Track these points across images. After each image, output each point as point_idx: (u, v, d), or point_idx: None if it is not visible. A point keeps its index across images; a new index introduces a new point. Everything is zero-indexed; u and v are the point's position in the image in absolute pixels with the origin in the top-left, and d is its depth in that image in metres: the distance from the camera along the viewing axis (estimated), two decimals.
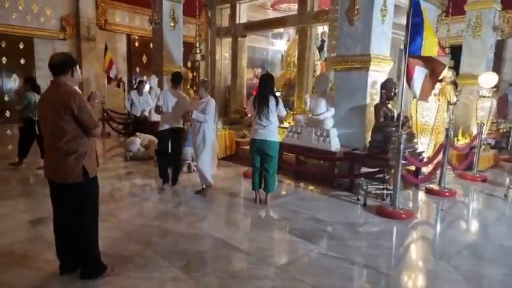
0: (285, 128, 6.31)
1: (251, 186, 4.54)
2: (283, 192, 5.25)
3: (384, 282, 2.80)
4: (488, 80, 7.26)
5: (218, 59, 8.68)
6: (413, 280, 2.87)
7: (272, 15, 8.74)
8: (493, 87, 7.52)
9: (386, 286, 2.75)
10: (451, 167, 5.78)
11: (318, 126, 5.51)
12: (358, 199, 4.65)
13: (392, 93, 5.09)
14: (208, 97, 4.63)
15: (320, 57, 7.57)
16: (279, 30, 8.25)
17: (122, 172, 6.06)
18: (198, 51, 8.96)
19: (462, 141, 6.83)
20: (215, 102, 4.75)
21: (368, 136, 5.29)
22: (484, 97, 7.43)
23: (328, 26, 6.38)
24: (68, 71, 2.47)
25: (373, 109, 5.21)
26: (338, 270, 2.92)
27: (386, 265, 3.04)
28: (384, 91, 5.12)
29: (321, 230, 3.74)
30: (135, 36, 13.58)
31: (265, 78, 4.42)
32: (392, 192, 4.26)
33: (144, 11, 12.59)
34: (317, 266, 3.03)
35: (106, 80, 11.18)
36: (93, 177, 2.59)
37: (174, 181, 5.21)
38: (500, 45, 11.95)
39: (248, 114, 4.75)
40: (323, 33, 7.66)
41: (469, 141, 6.20)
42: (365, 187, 4.52)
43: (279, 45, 9.88)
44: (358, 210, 4.40)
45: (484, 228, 4.09)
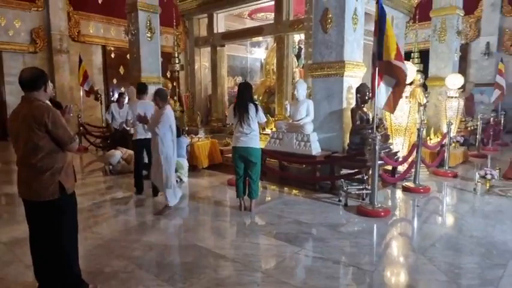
0: (267, 135, 6.47)
1: (236, 194, 4.63)
2: (267, 198, 5.38)
3: (366, 278, 2.95)
4: (454, 82, 7.68)
5: (198, 69, 8.77)
6: (392, 274, 3.05)
7: (249, 24, 8.93)
8: (460, 88, 7.97)
9: (368, 282, 2.91)
10: (425, 165, 6.08)
11: (299, 131, 5.69)
12: (339, 200, 4.83)
13: (366, 97, 5.34)
14: (164, 107, 4.47)
15: (298, 64, 7.79)
16: (258, 38, 8.45)
17: (102, 187, 5.99)
18: (177, 61, 9.02)
19: (434, 139, 7.18)
20: (173, 112, 4.67)
21: (346, 139, 5.51)
22: (452, 98, 7.85)
23: (304, 34, 6.60)
24: (41, 87, 2.41)
25: (349, 113, 5.45)
26: (322, 270, 3.06)
27: (367, 262, 3.20)
28: (359, 95, 5.36)
29: (305, 232, 3.87)
30: (111, 47, 13.42)
31: (243, 86, 4.55)
32: (370, 191, 4.47)
33: (120, 22, 12.51)
34: (301, 268, 3.16)
35: (82, 93, 11.01)
36: (70, 193, 2.52)
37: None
38: (465, 48, 12.62)
39: (227, 122, 4.83)
40: (300, 41, 7.89)
41: (440, 139, 6.54)
42: (345, 188, 4.72)
43: (258, 53, 10.07)
44: (339, 211, 4.58)
45: (456, 221, 4.36)
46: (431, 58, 8.56)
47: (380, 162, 4.65)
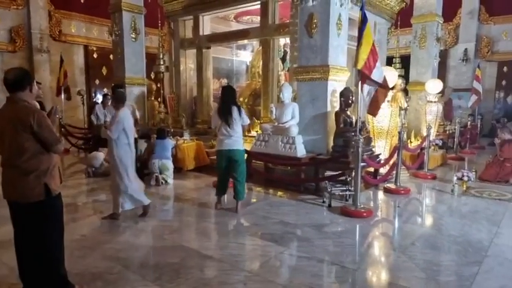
0: (253, 137, 6.53)
1: (215, 191, 4.75)
2: (253, 199, 5.42)
3: (348, 276, 3.04)
4: (434, 87, 7.96)
5: (183, 70, 8.73)
6: (374, 272, 3.15)
7: (235, 26, 8.96)
8: (439, 93, 8.25)
9: (350, 279, 3.00)
10: (405, 167, 6.26)
11: (284, 134, 5.78)
12: (323, 201, 4.93)
13: (350, 100, 5.47)
14: (119, 109, 4.17)
15: (284, 67, 7.89)
16: (244, 41, 8.50)
17: (85, 189, 5.92)
18: (162, 62, 8.97)
19: (415, 142, 7.39)
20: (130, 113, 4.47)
21: (331, 141, 5.62)
22: (431, 102, 8.13)
23: (289, 38, 6.70)
24: (26, 87, 2.38)
25: (334, 116, 5.57)
26: (306, 269, 3.13)
27: (350, 260, 3.29)
28: (343, 99, 5.49)
29: (290, 233, 3.94)
30: (94, 47, 13.20)
31: (226, 89, 4.65)
32: (353, 193, 4.59)
33: (103, 22, 12.32)
34: (286, 267, 3.23)
35: (62, 94, 10.78)
36: (56, 194, 2.51)
37: None
38: (444, 54, 13.05)
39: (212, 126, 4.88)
40: (285, 44, 7.99)
41: (420, 142, 6.75)
42: (329, 189, 4.82)
43: (244, 56, 10.12)
44: (323, 211, 4.67)
45: (435, 220, 4.52)
46: (412, 63, 8.82)
47: (363, 164, 4.78)
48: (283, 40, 7.51)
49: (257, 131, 6.52)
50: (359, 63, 4.36)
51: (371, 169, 5.79)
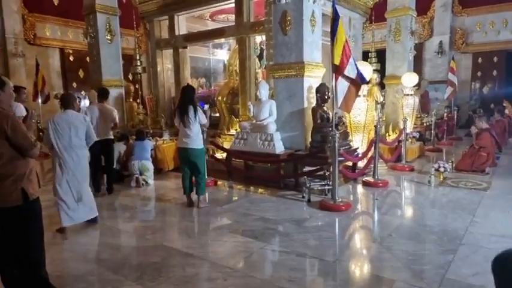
0: (232, 135, 6.54)
1: (182, 191, 4.84)
2: (234, 197, 5.45)
3: (327, 268, 3.09)
4: (409, 80, 8.11)
5: (160, 71, 8.66)
6: (351, 263, 3.19)
7: (211, 25, 8.93)
8: (415, 86, 8.41)
9: (328, 271, 3.05)
10: (383, 160, 6.37)
11: (262, 131, 5.80)
12: (303, 196, 4.98)
13: (326, 96, 5.53)
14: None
15: (261, 65, 7.89)
16: (220, 40, 8.47)
17: None
18: (139, 63, 8.87)
19: (393, 136, 7.53)
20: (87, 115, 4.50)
21: (309, 137, 5.67)
22: (408, 95, 8.28)
23: (265, 36, 6.71)
24: None
25: (310, 112, 5.62)
26: (286, 263, 3.17)
27: (328, 253, 3.34)
28: (319, 95, 5.55)
29: (270, 229, 3.97)
30: (69, 50, 12.96)
31: (185, 89, 4.80)
32: (332, 187, 4.64)
33: (78, 24, 12.09)
34: (267, 262, 3.27)
35: (39, 98, 10.54)
36: (34, 199, 2.51)
37: (110, 190, 5.50)
38: (420, 47, 13.29)
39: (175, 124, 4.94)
40: (261, 42, 8.00)
41: (397, 135, 6.87)
42: (308, 185, 4.87)
43: (221, 54, 10.10)
44: (303, 207, 4.72)
45: (412, 211, 4.63)
46: (387, 57, 8.94)
47: (340, 158, 4.84)
48: (259, 38, 7.52)
49: (236, 130, 6.52)
50: (335, 59, 4.42)
51: (350, 163, 5.87)
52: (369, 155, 5.75)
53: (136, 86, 9.21)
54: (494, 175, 6.07)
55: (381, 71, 9.13)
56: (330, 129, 4.88)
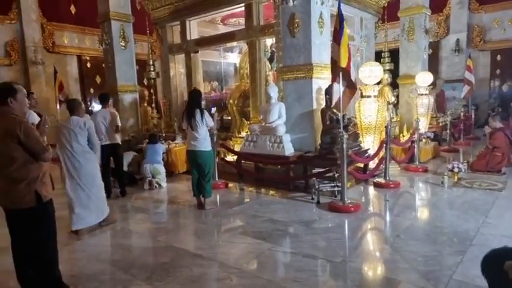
0: (242, 138, 6.59)
1: (192, 193, 4.91)
2: (244, 199, 5.49)
3: (334, 269, 3.09)
4: (424, 79, 7.97)
5: (173, 75, 8.80)
6: (358, 264, 3.17)
7: (222, 29, 9.02)
8: (429, 85, 8.25)
9: (335, 272, 3.05)
10: (395, 161, 6.28)
11: (272, 133, 5.82)
12: (312, 198, 4.97)
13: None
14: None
15: (271, 67, 7.92)
16: (231, 44, 8.55)
17: None
18: (152, 68, 9.04)
19: (407, 136, 7.40)
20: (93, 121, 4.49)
21: (318, 139, 5.66)
22: (422, 95, 8.13)
23: (274, 38, 6.74)
24: (6, 100, 2.50)
25: (320, 114, 5.61)
26: (292, 263, 3.20)
27: (336, 254, 3.33)
28: (328, 96, 5.52)
29: (278, 230, 3.98)
30: (87, 57, 13.35)
31: (192, 93, 4.93)
32: (341, 188, 4.62)
33: (94, 31, 12.42)
34: (274, 263, 3.29)
35: (58, 104, 10.86)
36: (47, 200, 2.63)
37: (123, 193, 5.61)
38: (436, 45, 13.04)
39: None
40: (272, 44, 8.03)
41: (410, 136, 6.76)
42: (317, 186, 4.86)
43: (232, 58, 10.18)
44: (312, 208, 4.71)
45: (423, 212, 4.56)
46: (401, 57, 8.80)
47: (350, 159, 4.81)
48: (270, 40, 7.55)
49: (247, 132, 6.56)
50: (342, 61, 4.44)
51: (360, 164, 5.82)
52: (380, 156, 5.68)
53: (150, 91, 9.38)
54: (510, 175, 5.90)
55: (395, 71, 9.00)
56: (339, 130, 4.87)
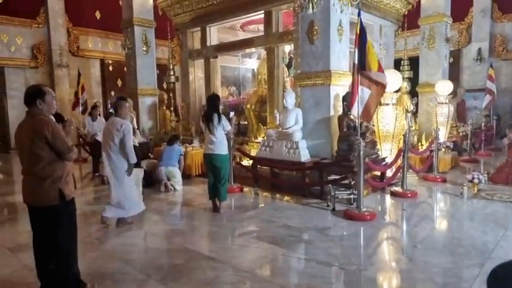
0: (259, 143, 6.63)
1: (208, 196, 4.95)
2: (259, 204, 5.52)
3: (346, 276, 3.08)
4: (444, 88, 7.85)
5: (192, 80, 8.96)
6: (373, 273, 3.15)
7: (242, 36, 9.15)
8: (450, 94, 8.12)
9: (348, 280, 3.04)
10: (413, 170, 6.19)
11: (288, 139, 5.84)
12: (327, 205, 4.95)
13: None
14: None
15: (289, 73, 7.97)
16: (250, 50, 8.66)
17: (99, 195, 6.16)
18: (172, 73, 9.23)
19: (426, 145, 7.30)
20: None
21: (335, 146, 5.65)
22: (442, 103, 8.01)
23: (293, 45, 6.79)
24: (36, 102, 2.60)
25: (337, 120, 5.61)
26: (306, 270, 3.20)
27: (349, 262, 3.32)
28: (345, 103, 5.53)
29: (292, 236, 3.99)
30: (109, 60, 13.76)
31: (210, 98, 5.00)
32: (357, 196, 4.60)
33: (117, 36, 12.78)
34: (287, 268, 3.30)
35: (80, 107, 11.15)
36: (70, 199, 2.73)
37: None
38: (457, 54, 12.83)
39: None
40: (290, 51, 8.09)
41: (428, 145, 6.66)
42: (332, 193, 4.84)
43: (250, 63, 10.29)
44: (327, 215, 4.69)
45: (440, 223, 4.48)
46: (421, 65, 8.70)
47: (366, 167, 4.78)
48: (288, 47, 7.61)
49: (263, 137, 6.61)
50: (373, 65, 4.48)
51: (378, 173, 5.77)
52: (397, 165, 5.62)
53: (169, 95, 9.58)
54: None
55: (414, 79, 8.90)
56: (356, 137, 4.86)
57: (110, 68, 13.79)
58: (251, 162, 6.36)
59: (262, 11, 7.13)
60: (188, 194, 6.02)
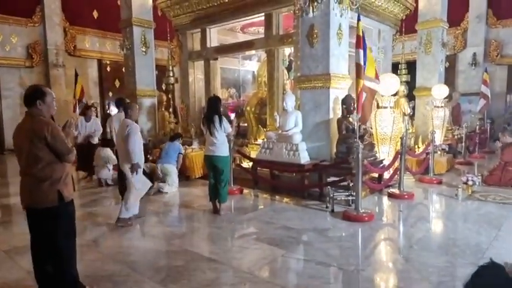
0: (258, 145, 6.70)
1: (208, 197, 4.99)
2: (258, 205, 5.58)
3: (345, 277, 3.15)
4: (440, 92, 7.97)
5: (192, 81, 8.99)
6: (370, 273, 3.21)
7: (242, 38, 9.21)
8: (445, 97, 8.25)
9: (346, 280, 3.11)
10: (409, 172, 6.30)
11: (288, 141, 5.91)
12: (326, 206, 5.02)
13: (351, 107, 5.58)
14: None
15: (289, 76, 8.05)
16: (250, 52, 8.72)
17: (97, 197, 6.15)
18: (171, 74, 9.26)
19: (422, 148, 7.40)
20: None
21: (334, 148, 5.73)
22: (438, 107, 8.13)
23: (293, 48, 6.87)
24: (34, 103, 2.57)
25: (336, 123, 5.69)
26: (305, 270, 3.27)
27: (348, 262, 3.39)
28: (345, 106, 5.62)
29: (291, 237, 4.05)
30: (107, 61, 13.67)
31: (211, 100, 5.03)
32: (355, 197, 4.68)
33: (115, 36, 12.70)
34: (286, 269, 3.36)
35: (77, 108, 11.12)
36: (69, 201, 2.70)
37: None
38: (453, 59, 13.01)
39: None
40: (290, 54, 8.17)
41: (424, 147, 6.77)
42: (331, 195, 4.92)
43: (250, 65, 10.36)
44: (326, 217, 4.76)
45: (436, 224, 4.59)
46: (418, 69, 8.82)
47: (364, 169, 4.87)
48: (288, 50, 7.69)
49: (263, 139, 6.67)
50: (372, 70, 4.62)
51: (375, 175, 5.87)
52: (395, 167, 5.72)
53: (169, 96, 9.60)
54: None
55: (411, 83, 9.03)
56: (355, 140, 4.94)
57: (108, 69, 13.74)
58: (251, 164, 6.42)
59: (262, 14, 7.20)
60: (188, 196, 6.06)
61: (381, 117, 6.23)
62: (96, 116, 11.16)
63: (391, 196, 5.55)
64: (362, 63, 4.59)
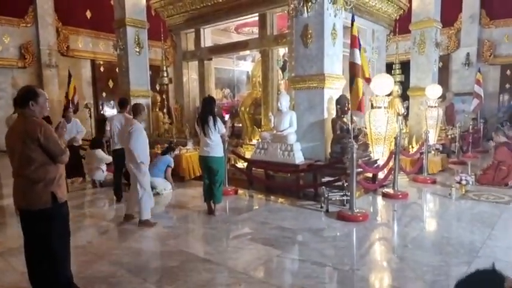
0: (253, 145, 6.68)
1: (203, 198, 4.99)
2: (253, 206, 5.57)
3: (340, 276, 3.15)
4: (433, 92, 8.02)
5: (186, 82, 8.97)
6: (366, 273, 3.22)
7: (236, 38, 9.20)
8: (439, 97, 8.30)
9: (341, 280, 3.11)
10: (404, 172, 6.33)
11: (282, 141, 5.91)
12: (321, 206, 5.03)
13: (346, 107, 5.60)
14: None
15: (283, 76, 8.06)
16: (244, 52, 8.71)
17: (91, 198, 6.13)
18: (165, 74, 9.22)
19: (416, 148, 7.44)
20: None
21: (328, 148, 5.74)
22: (432, 107, 8.18)
23: (287, 48, 6.87)
24: (26, 104, 2.55)
25: (330, 123, 5.70)
26: (300, 270, 3.26)
27: (343, 262, 3.39)
28: (339, 106, 5.63)
29: (286, 237, 4.04)
30: (100, 61, 13.58)
31: (206, 101, 4.99)
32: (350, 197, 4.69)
33: (108, 36, 12.64)
34: (281, 269, 3.36)
35: (72, 108, 11.03)
36: (62, 202, 2.68)
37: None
38: (446, 59, 13.11)
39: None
40: (285, 54, 8.17)
41: (418, 147, 6.81)
42: (326, 195, 4.92)
43: (245, 66, 10.34)
44: (321, 217, 4.77)
45: (430, 223, 4.62)
46: (412, 69, 8.86)
47: (359, 169, 4.88)
48: (282, 50, 7.69)
49: (258, 139, 6.66)
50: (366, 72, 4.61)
51: (370, 174, 5.88)
52: (389, 167, 5.74)
53: (163, 96, 9.55)
54: None
55: (405, 83, 9.07)
56: (349, 140, 4.95)
57: (101, 69, 13.65)
58: (246, 164, 6.41)
59: (256, 14, 7.20)
60: (182, 197, 6.03)
61: (375, 117, 6.25)
62: (90, 116, 11.19)
63: (386, 196, 5.57)
64: (358, 62, 4.61)
